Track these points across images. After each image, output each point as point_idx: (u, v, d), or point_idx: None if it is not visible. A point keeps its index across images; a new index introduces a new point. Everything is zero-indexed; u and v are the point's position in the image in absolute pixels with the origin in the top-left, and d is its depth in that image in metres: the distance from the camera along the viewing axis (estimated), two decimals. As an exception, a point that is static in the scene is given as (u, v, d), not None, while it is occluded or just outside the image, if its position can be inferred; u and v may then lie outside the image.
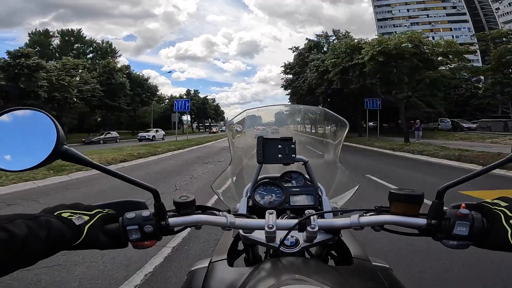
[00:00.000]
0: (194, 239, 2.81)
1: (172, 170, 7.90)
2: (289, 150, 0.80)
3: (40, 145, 0.46)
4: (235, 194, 0.89)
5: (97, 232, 0.49)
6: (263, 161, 0.79)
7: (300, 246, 0.60)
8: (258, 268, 0.55)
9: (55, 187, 5.58)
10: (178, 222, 0.55)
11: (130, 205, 0.56)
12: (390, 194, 0.55)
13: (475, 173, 0.50)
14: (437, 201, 0.51)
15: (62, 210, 0.47)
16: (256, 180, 0.83)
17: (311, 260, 0.65)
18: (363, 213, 0.58)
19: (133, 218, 0.51)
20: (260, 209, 0.75)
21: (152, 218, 0.52)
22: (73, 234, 0.46)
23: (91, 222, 0.48)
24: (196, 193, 3.50)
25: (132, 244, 0.53)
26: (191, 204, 0.57)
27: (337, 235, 0.63)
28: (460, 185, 0.51)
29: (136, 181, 0.53)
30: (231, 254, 0.73)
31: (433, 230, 0.52)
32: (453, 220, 0.49)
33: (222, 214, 0.59)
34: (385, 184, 5.56)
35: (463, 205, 0.50)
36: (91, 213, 0.50)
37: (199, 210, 0.59)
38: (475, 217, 0.49)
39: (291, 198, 0.79)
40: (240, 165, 0.97)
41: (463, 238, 0.49)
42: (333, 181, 0.92)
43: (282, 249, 0.59)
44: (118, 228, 0.51)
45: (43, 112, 0.48)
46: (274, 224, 0.56)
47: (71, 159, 0.48)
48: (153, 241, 0.53)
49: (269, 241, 0.59)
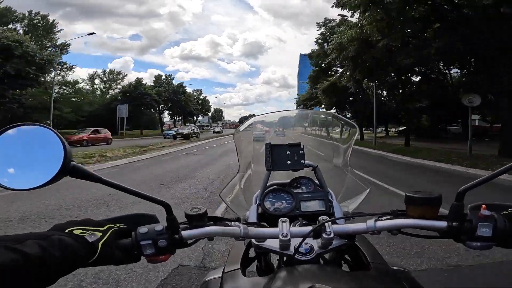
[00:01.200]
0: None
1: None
2: (298, 156, 0.79)
3: (47, 162, 0.45)
4: (244, 202, 0.89)
5: (111, 248, 0.48)
6: (272, 168, 0.79)
7: (315, 253, 0.59)
8: (274, 277, 0.54)
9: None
10: (191, 235, 0.54)
11: (141, 219, 0.55)
12: (407, 197, 0.54)
13: (496, 173, 0.49)
14: (457, 203, 0.50)
15: (73, 227, 0.47)
16: (265, 187, 0.82)
17: (328, 267, 0.64)
18: (379, 217, 0.57)
19: (147, 233, 0.50)
20: (271, 216, 0.74)
21: (165, 232, 0.52)
22: (87, 251, 0.45)
23: (104, 238, 0.48)
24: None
25: (146, 258, 0.52)
26: (203, 216, 0.56)
27: (352, 241, 0.62)
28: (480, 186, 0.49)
29: (148, 196, 0.53)
30: (243, 263, 0.72)
31: (455, 232, 0.51)
32: (475, 222, 0.48)
33: (234, 224, 0.59)
34: None
35: (484, 206, 0.49)
36: (103, 229, 0.49)
37: (211, 222, 0.59)
38: (497, 217, 0.48)
39: (302, 204, 0.78)
40: (249, 173, 0.97)
41: (487, 239, 0.48)
42: (343, 186, 0.91)
43: (297, 257, 0.59)
44: (131, 243, 0.50)
45: (49, 128, 0.47)
46: (289, 232, 0.55)
47: (80, 175, 0.48)
48: (168, 255, 0.53)
49: (283, 249, 0.59)
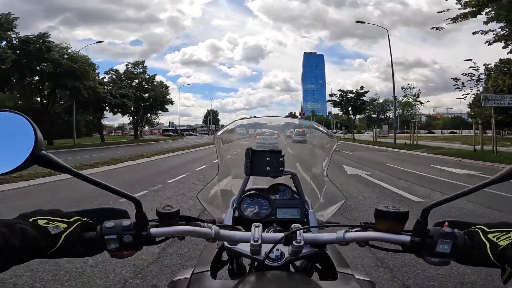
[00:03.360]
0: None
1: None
2: (277, 163, 0.80)
3: (16, 149, 0.44)
4: (222, 205, 0.89)
5: (73, 241, 0.47)
6: (251, 173, 0.79)
7: (285, 259, 0.60)
8: (243, 281, 0.54)
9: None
10: (160, 233, 0.54)
11: (112, 213, 0.54)
12: (376, 211, 0.55)
13: (464, 192, 0.51)
14: (421, 220, 0.52)
15: (39, 217, 0.46)
16: (243, 192, 0.83)
17: (296, 274, 0.65)
18: (349, 228, 0.58)
19: (112, 227, 0.50)
20: (246, 221, 0.75)
21: (133, 228, 0.51)
22: (47, 243, 0.44)
23: (69, 231, 0.47)
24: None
25: (109, 253, 0.51)
26: (174, 215, 0.55)
27: (322, 250, 0.63)
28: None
29: (117, 190, 0.51)
30: (214, 265, 0.72)
31: (417, 247, 0.53)
32: (436, 238, 0.50)
33: (207, 225, 0.58)
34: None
35: (446, 223, 0.51)
36: (69, 221, 0.48)
37: (183, 221, 0.58)
38: (458, 235, 0.50)
39: (278, 210, 0.79)
40: (228, 176, 0.97)
41: (445, 255, 0.50)
42: (320, 195, 0.93)
43: (267, 262, 0.59)
44: (96, 237, 0.50)
45: (21, 115, 0.46)
46: (260, 238, 0.56)
47: (49, 164, 0.46)
48: (132, 251, 0.52)
49: (254, 254, 0.59)
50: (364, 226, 0.57)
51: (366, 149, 18.96)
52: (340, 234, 0.56)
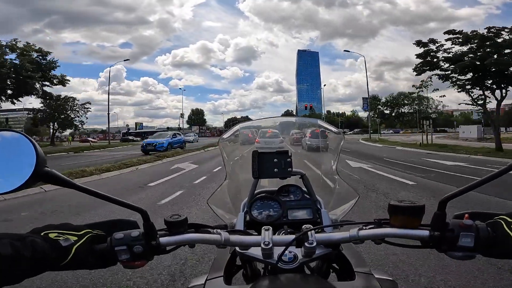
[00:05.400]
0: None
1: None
2: (285, 164, 0.79)
3: (19, 167, 0.44)
4: (232, 209, 0.88)
5: (85, 253, 0.48)
6: (259, 175, 0.79)
7: (299, 261, 0.58)
8: (255, 286, 0.53)
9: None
10: (170, 242, 0.54)
11: (121, 225, 0.55)
12: (390, 207, 0.53)
13: (479, 182, 0.48)
14: (439, 212, 0.50)
15: (49, 231, 0.48)
16: (252, 195, 0.82)
17: (311, 276, 0.64)
18: (363, 226, 0.57)
19: (122, 239, 0.50)
20: (258, 224, 0.74)
21: (142, 238, 0.51)
22: (59, 255, 0.45)
23: (79, 243, 0.48)
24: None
25: (122, 264, 0.51)
26: (183, 223, 0.55)
27: (336, 249, 0.61)
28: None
29: (124, 202, 0.52)
30: (228, 270, 0.71)
31: (437, 242, 0.50)
32: (457, 231, 0.48)
33: (216, 231, 0.58)
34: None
35: (467, 215, 0.49)
36: (80, 233, 0.50)
37: (192, 229, 0.58)
38: (480, 227, 0.48)
39: (289, 212, 0.77)
40: (236, 180, 0.96)
41: (469, 249, 0.48)
42: (332, 193, 0.91)
43: (280, 265, 0.57)
44: (107, 249, 0.50)
45: (20, 133, 0.47)
46: (270, 241, 0.54)
47: (53, 181, 0.47)
48: (144, 261, 0.52)
49: (266, 258, 0.58)
50: (379, 222, 0.56)
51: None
52: (353, 232, 0.54)
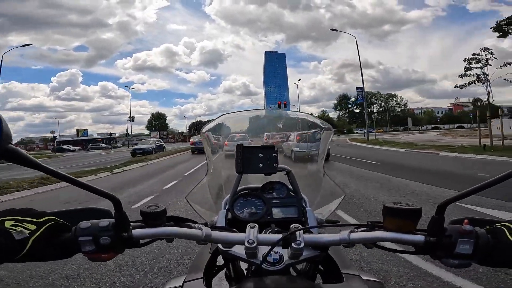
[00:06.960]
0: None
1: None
2: (270, 159, 0.75)
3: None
4: (213, 207, 0.84)
5: (44, 244, 0.44)
6: (243, 171, 0.74)
7: (285, 263, 0.55)
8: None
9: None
10: (144, 234, 0.49)
11: (94, 214, 0.51)
12: (384, 209, 0.50)
13: (481, 186, 0.45)
14: (437, 217, 0.47)
15: (6, 217, 0.44)
16: (235, 191, 0.78)
17: (297, 278, 0.60)
18: (354, 228, 0.53)
19: (88, 228, 0.46)
20: (240, 223, 0.70)
21: (111, 229, 0.47)
22: (13, 248, 0.42)
23: (37, 234, 0.44)
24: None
25: (86, 256, 0.47)
26: (161, 215, 0.51)
27: (325, 252, 0.58)
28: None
29: (93, 188, 0.47)
30: (208, 271, 0.67)
31: (432, 248, 0.47)
32: (455, 237, 0.45)
33: (197, 226, 0.53)
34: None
35: (466, 220, 0.46)
36: (39, 221, 0.45)
37: (172, 222, 0.54)
38: (480, 233, 0.45)
39: (274, 210, 0.74)
40: (218, 175, 0.91)
41: (466, 256, 0.45)
42: (317, 191, 0.88)
43: (264, 266, 0.54)
44: (69, 238, 0.46)
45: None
46: (255, 239, 0.50)
47: (15, 159, 0.42)
48: (112, 254, 0.48)
49: (250, 257, 0.54)
50: (371, 225, 0.52)
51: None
52: (344, 234, 0.51)
